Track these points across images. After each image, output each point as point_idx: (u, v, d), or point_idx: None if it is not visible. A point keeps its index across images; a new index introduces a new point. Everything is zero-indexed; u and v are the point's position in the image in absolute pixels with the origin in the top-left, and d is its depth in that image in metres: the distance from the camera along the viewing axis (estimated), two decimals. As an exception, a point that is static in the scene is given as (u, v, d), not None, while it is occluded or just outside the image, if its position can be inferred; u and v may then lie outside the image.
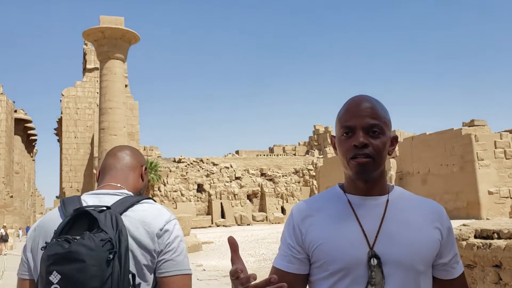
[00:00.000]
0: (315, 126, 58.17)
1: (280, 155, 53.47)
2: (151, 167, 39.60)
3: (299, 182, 46.91)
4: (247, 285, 1.23)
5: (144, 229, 1.57)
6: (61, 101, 48.82)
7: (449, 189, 28.61)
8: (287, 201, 44.28)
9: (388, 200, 1.50)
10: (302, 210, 1.54)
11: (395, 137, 1.54)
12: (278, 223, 40.34)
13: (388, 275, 1.40)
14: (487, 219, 22.37)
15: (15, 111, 47.41)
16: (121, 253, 1.44)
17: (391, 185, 1.57)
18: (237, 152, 54.42)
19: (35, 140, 59.21)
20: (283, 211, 43.59)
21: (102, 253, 1.40)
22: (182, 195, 42.49)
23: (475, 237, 4.72)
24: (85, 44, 49.95)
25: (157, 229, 1.58)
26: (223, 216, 42.03)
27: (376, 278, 1.39)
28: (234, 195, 43.41)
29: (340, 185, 1.58)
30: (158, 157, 46.42)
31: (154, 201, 1.73)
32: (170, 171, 43.49)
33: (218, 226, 40.40)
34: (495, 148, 27.77)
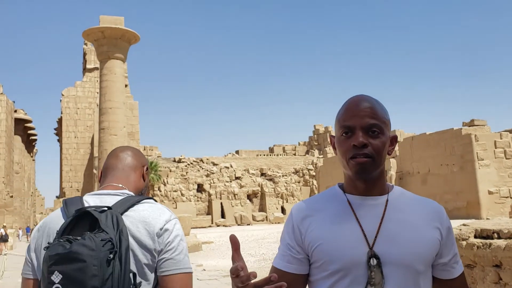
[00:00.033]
0: (315, 126, 58.19)
1: (280, 155, 53.47)
2: (151, 167, 39.63)
3: (299, 182, 46.92)
4: (247, 283, 1.23)
5: (144, 228, 1.59)
6: (61, 101, 48.88)
7: (449, 189, 28.61)
8: (287, 201, 44.29)
9: (387, 200, 1.50)
10: (301, 210, 1.54)
11: (394, 137, 1.54)
12: (278, 223, 40.35)
13: (387, 275, 1.40)
14: (487, 219, 22.36)
15: (15, 111, 47.43)
16: (122, 252, 1.46)
17: (390, 185, 1.56)
18: (237, 152, 54.42)
19: (35, 140, 59.25)
20: (283, 211, 43.60)
21: (103, 252, 1.42)
22: (182, 195, 42.49)
23: (475, 237, 4.72)
24: (85, 44, 49.99)
25: (157, 228, 1.60)
26: (223, 216, 42.04)
27: (376, 278, 1.39)
28: (234, 195, 43.42)
29: (340, 185, 1.58)
30: (158, 157, 46.43)
31: (155, 201, 1.75)
32: (170, 171, 43.49)
33: (218, 226, 40.41)
34: (495, 148, 27.78)
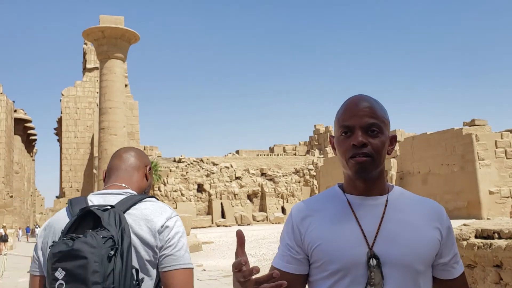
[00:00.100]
0: (315, 125, 58.22)
1: (281, 155, 53.47)
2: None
3: (299, 182, 46.93)
4: (249, 278, 1.24)
5: (146, 226, 1.64)
6: (61, 100, 48.88)
7: (449, 189, 28.61)
8: (287, 201, 44.30)
9: (387, 200, 1.49)
10: (301, 210, 1.54)
11: (394, 137, 1.54)
12: (279, 223, 40.35)
13: (387, 275, 1.39)
14: (487, 219, 22.35)
15: (15, 111, 47.43)
16: (124, 249, 1.52)
17: (390, 185, 1.56)
18: (237, 152, 54.43)
19: (35, 140, 59.26)
20: (283, 211, 43.60)
21: (104, 249, 1.47)
22: (182, 195, 42.50)
23: (476, 237, 4.72)
24: (85, 44, 49.99)
25: (159, 225, 1.65)
26: (223, 216, 42.04)
27: (376, 278, 1.39)
28: (234, 195, 43.42)
29: (340, 185, 1.58)
30: (158, 157, 46.44)
31: (157, 199, 1.80)
32: (170, 171, 43.49)
33: (218, 226, 40.41)
34: (496, 147, 27.78)
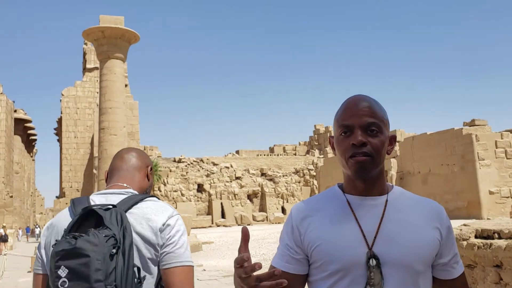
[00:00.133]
0: (315, 125, 58.22)
1: (281, 155, 53.47)
2: (151, 167, 39.64)
3: (299, 182, 46.92)
4: (251, 274, 1.24)
5: (147, 224, 1.68)
6: (61, 101, 48.91)
7: (449, 189, 28.60)
8: (287, 201, 44.29)
9: (387, 200, 1.49)
10: (301, 210, 1.54)
11: (393, 137, 1.54)
12: (279, 223, 40.34)
13: (387, 275, 1.39)
14: (487, 219, 22.35)
15: (15, 111, 47.45)
16: (125, 248, 1.55)
17: (390, 185, 1.56)
18: (237, 152, 54.42)
19: (35, 140, 59.29)
20: (283, 211, 43.60)
21: (106, 248, 1.50)
22: (182, 195, 42.50)
23: (476, 237, 4.71)
24: (85, 44, 50.01)
25: (160, 224, 1.69)
26: (223, 216, 42.04)
27: (375, 278, 1.38)
28: (235, 195, 43.42)
29: (340, 185, 1.57)
30: (158, 157, 46.43)
31: (158, 199, 1.83)
32: (170, 171, 43.49)
33: (218, 226, 40.41)
34: (496, 147, 27.77)
